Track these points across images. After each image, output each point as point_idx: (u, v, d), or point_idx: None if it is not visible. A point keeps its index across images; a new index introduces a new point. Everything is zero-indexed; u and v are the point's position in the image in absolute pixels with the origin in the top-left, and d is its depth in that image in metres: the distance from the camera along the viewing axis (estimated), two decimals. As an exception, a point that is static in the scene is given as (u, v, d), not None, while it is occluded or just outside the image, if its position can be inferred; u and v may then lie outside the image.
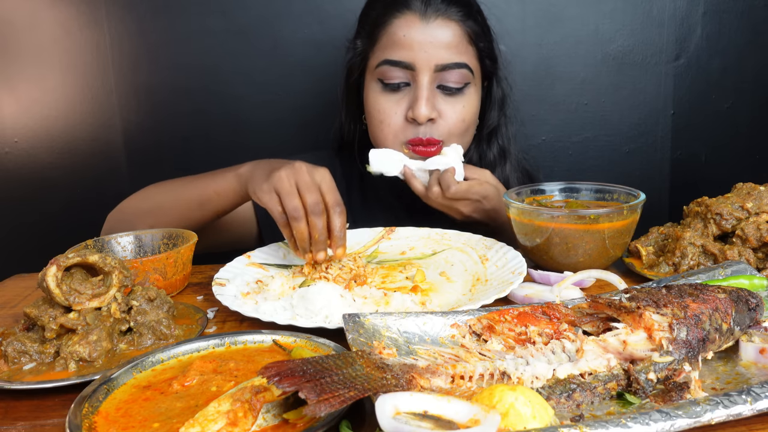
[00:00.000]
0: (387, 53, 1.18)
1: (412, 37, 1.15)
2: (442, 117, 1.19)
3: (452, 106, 1.20)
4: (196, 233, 1.02)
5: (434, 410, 0.51)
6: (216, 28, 1.59)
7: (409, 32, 1.16)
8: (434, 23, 1.16)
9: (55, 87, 1.59)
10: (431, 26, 1.16)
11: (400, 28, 1.17)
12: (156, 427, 0.56)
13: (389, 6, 1.19)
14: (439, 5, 1.17)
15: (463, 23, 1.18)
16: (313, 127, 1.65)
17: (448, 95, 1.19)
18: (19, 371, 0.70)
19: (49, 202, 1.64)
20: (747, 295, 0.69)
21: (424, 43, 1.15)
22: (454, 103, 1.20)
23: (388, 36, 1.18)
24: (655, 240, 1.05)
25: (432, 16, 1.16)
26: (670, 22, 1.73)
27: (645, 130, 1.80)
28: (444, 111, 1.19)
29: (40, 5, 1.54)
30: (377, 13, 1.22)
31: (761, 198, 0.97)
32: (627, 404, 0.58)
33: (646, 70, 1.75)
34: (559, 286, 0.87)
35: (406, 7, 1.17)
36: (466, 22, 1.19)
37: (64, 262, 0.74)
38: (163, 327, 0.77)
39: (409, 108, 1.18)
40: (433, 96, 1.18)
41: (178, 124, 1.64)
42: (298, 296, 0.86)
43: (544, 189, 1.12)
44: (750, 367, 0.64)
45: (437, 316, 0.72)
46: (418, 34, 1.15)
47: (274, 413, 0.56)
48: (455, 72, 1.17)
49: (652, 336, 0.61)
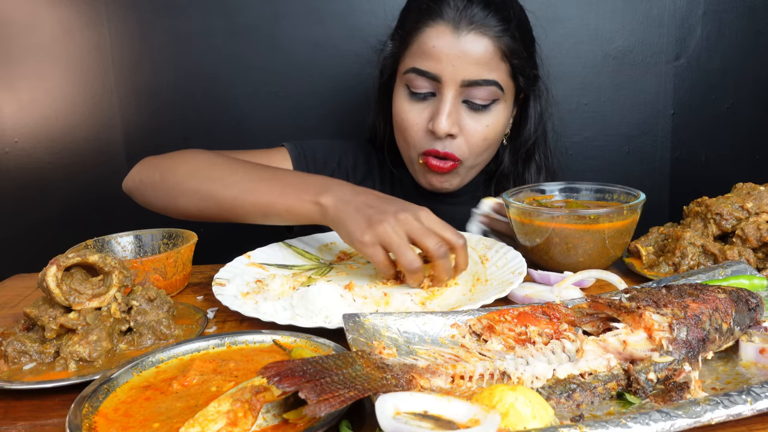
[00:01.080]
0: (415, 61, 1.15)
1: (441, 48, 1.11)
2: (464, 133, 1.16)
3: (476, 123, 1.16)
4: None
5: (434, 410, 0.51)
6: (216, 29, 1.59)
7: (438, 43, 1.11)
8: (466, 37, 1.10)
9: (55, 87, 1.59)
10: (462, 40, 1.10)
11: (431, 38, 1.12)
12: (156, 427, 0.56)
13: (424, 13, 1.15)
14: (474, 18, 1.11)
15: (497, 39, 1.12)
16: (313, 127, 1.66)
17: (473, 111, 1.15)
18: (19, 371, 0.70)
19: (49, 202, 1.64)
20: (747, 295, 0.69)
21: (453, 57, 1.11)
22: (479, 120, 1.16)
23: (419, 44, 1.14)
24: (655, 240, 1.05)
25: (464, 30, 1.10)
26: (670, 22, 1.73)
27: (645, 130, 1.80)
28: (467, 127, 1.15)
29: (40, 5, 1.54)
30: (412, 18, 1.17)
31: (761, 198, 0.97)
32: (627, 404, 0.58)
33: (646, 70, 1.75)
34: (559, 286, 0.87)
35: (440, 16, 1.12)
36: (502, 38, 1.13)
37: (64, 262, 0.74)
38: (163, 327, 0.77)
39: (431, 119, 1.15)
40: (456, 111, 1.14)
41: (178, 124, 1.64)
42: (298, 296, 0.86)
43: (544, 189, 1.13)
44: (750, 367, 0.64)
45: (437, 316, 0.72)
46: (448, 46, 1.11)
47: (274, 413, 0.56)
48: (483, 89, 1.13)
49: (652, 336, 0.61)
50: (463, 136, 1.16)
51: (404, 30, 1.19)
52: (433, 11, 1.13)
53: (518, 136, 1.29)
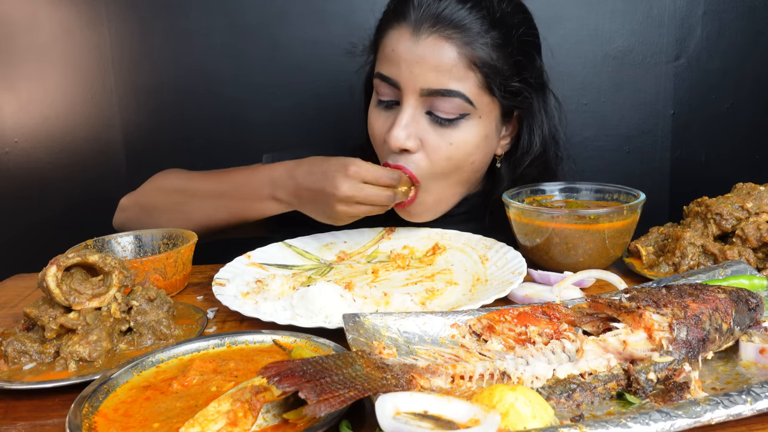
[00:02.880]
0: (380, 66, 1.06)
1: (399, 53, 1.01)
2: (425, 148, 1.03)
3: (439, 138, 1.02)
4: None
5: (434, 410, 0.51)
6: (216, 28, 1.59)
7: (397, 47, 1.02)
8: (425, 41, 0.99)
9: (55, 87, 1.59)
10: (421, 44, 0.99)
11: (392, 41, 1.03)
12: (156, 427, 0.56)
13: (390, 14, 1.07)
14: (438, 20, 0.99)
15: (463, 46, 0.99)
16: (313, 127, 1.66)
17: (437, 125, 1.02)
18: (19, 371, 0.70)
19: (49, 202, 1.64)
20: (747, 295, 0.69)
21: (411, 62, 1.00)
22: (443, 135, 1.02)
23: (383, 48, 1.06)
24: (655, 240, 1.05)
25: (424, 33, 0.99)
26: (670, 22, 1.73)
27: (645, 130, 1.80)
28: (429, 142, 1.03)
29: (40, 5, 1.54)
30: (381, 20, 1.10)
31: (761, 198, 0.97)
32: (627, 404, 0.58)
33: (646, 70, 1.75)
34: (559, 286, 0.87)
35: (402, 17, 1.02)
36: (470, 45, 1.00)
37: (64, 262, 0.74)
38: (163, 327, 0.77)
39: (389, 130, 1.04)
40: (415, 122, 1.02)
41: (178, 124, 1.64)
42: (298, 296, 0.86)
43: (544, 189, 1.12)
44: (750, 367, 0.64)
45: (437, 316, 0.72)
46: (406, 51, 1.00)
47: (274, 413, 0.56)
48: (446, 100, 1.00)
49: (652, 336, 0.61)
50: (424, 151, 1.03)
51: (376, 34, 1.11)
52: (398, 12, 1.04)
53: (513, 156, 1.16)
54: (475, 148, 1.05)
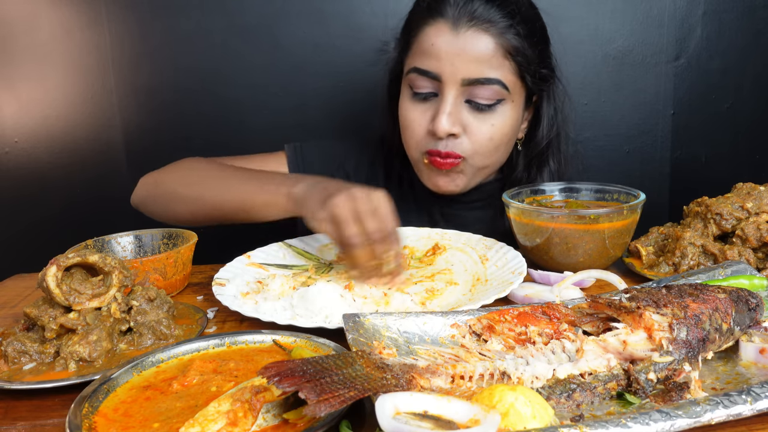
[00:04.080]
0: (416, 61, 1.13)
1: (440, 47, 1.09)
2: (468, 133, 1.13)
3: (481, 122, 1.12)
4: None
5: (434, 410, 0.51)
6: (216, 29, 1.59)
7: (437, 41, 1.10)
8: (465, 34, 1.08)
9: (55, 87, 1.59)
10: (461, 37, 1.08)
11: (430, 36, 1.11)
12: (156, 427, 0.56)
13: (425, 12, 1.14)
14: (474, 15, 1.09)
15: (499, 36, 1.09)
16: (313, 126, 1.66)
17: (477, 111, 1.12)
18: (19, 371, 0.70)
19: (49, 202, 1.64)
20: (747, 295, 0.69)
21: (452, 55, 1.09)
22: (483, 120, 1.12)
23: (419, 43, 1.13)
24: (655, 240, 1.05)
25: (464, 27, 1.08)
26: (670, 22, 1.73)
27: (645, 130, 1.80)
28: (471, 127, 1.12)
29: (40, 5, 1.54)
30: (415, 18, 1.17)
31: (761, 198, 0.97)
32: (627, 404, 0.58)
33: (646, 70, 1.75)
34: (559, 286, 0.87)
35: (439, 14, 1.10)
36: (504, 35, 1.10)
37: (64, 262, 0.74)
38: (163, 327, 0.77)
39: (432, 119, 1.13)
40: (457, 111, 1.11)
41: (178, 124, 1.64)
42: (298, 296, 0.86)
43: (544, 189, 1.13)
44: (750, 367, 0.64)
45: (437, 316, 0.72)
46: (447, 44, 1.09)
47: (274, 413, 0.56)
48: (486, 88, 1.10)
49: (652, 336, 0.61)
50: (467, 135, 1.13)
51: (408, 31, 1.19)
52: (434, 9, 1.12)
53: (531, 140, 1.26)
54: (511, 129, 1.17)
